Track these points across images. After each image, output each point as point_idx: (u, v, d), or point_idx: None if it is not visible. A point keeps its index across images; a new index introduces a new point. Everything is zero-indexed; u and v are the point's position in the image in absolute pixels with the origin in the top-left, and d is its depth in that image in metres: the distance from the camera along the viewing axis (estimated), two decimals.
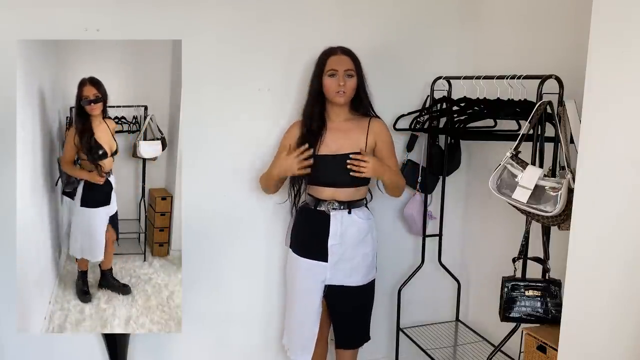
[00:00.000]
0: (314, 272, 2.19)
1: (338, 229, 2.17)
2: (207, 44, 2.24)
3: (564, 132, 1.86)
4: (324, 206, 2.18)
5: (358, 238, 2.20)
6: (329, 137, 2.17)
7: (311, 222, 2.22)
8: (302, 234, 2.25)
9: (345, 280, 2.20)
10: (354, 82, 2.15)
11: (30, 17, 2.00)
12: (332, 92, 2.14)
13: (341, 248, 2.18)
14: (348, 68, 2.13)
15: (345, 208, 2.18)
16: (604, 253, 1.43)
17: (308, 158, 2.14)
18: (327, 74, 2.14)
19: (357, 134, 2.19)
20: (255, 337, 2.55)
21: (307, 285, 2.21)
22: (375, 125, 2.22)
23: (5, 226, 2.04)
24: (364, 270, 2.22)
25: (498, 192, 1.91)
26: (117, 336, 2.27)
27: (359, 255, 2.20)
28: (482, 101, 2.26)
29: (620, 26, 1.36)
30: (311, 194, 2.23)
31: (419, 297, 2.77)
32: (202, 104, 2.28)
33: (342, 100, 2.15)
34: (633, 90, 1.33)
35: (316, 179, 2.19)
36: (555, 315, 1.94)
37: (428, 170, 2.58)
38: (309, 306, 2.22)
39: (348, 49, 2.18)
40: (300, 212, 2.27)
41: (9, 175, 2.02)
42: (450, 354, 2.48)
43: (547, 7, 2.30)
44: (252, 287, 2.50)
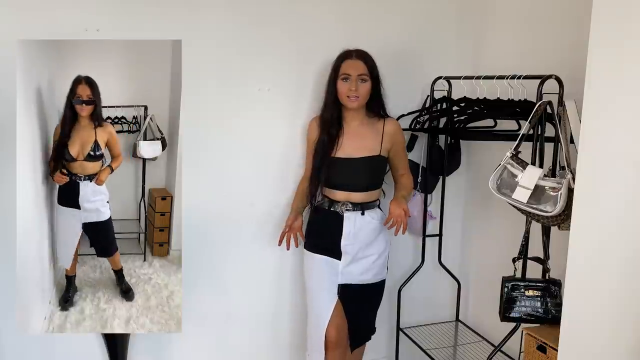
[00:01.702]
0: (329, 267, 2.22)
1: (351, 229, 2.21)
2: (207, 44, 2.24)
3: (564, 132, 1.86)
4: (337, 207, 2.21)
5: (371, 238, 2.24)
6: (345, 141, 2.20)
7: (325, 222, 2.25)
8: (316, 232, 2.29)
9: (358, 278, 2.24)
10: (367, 86, 2.16)
11: (30, 17, 2.00)
12: (344, 97, 2.16)
13: (354, 248, 2.22)
14: (361, 73, 2.14)
15: (359, 209, 2.21)
16: (604, 253, 1.43)
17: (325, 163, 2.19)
18: (341, 78, 2.16)
19: (372, 137, 2.22)
20: (256, 337, 2.55)
21: (322, 282, 2.23)
22: (390, 126, 2.25)
23: (5, 226, 2.04)
24: (376, 269, 2.26)
25: (498, 192, 1.91)
26: (117, 336, 2.26)
27: (372, 254, 2.24)
28: (482, 101, 2.27)
29: (620, 26, 1.35)
30: (326, 195, 2.26)
31: (419, 297, 2.77)
32: (202, 104, 2.27)
33: (354, 105, 2.16)
34: (633, 90, 1.32)
35: (331, 182, 2.22)
36: (555, 315, 1.94)
37: (428, 170, 2.57)
38: (323, 304, 2.22)
39: (364, 52, 2.18)
40: (315, 211, 2.29)
41: (8, 176, 2.02)
42: (450, 354, 2.48)
43: (547, 7, 2.30)
44: (252, 286, 2.50)
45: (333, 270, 2.22)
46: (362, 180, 2.21)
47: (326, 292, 2.23)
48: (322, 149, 2.21)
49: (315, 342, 2.23)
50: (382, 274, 2.30)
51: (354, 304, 2.26)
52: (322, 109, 2.25)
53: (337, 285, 2.23)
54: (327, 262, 2.23)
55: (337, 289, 2.23)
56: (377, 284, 2.29)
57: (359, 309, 2.29)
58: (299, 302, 2.52)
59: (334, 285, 2.23)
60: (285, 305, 2.55)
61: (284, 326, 2.57)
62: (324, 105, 2.25)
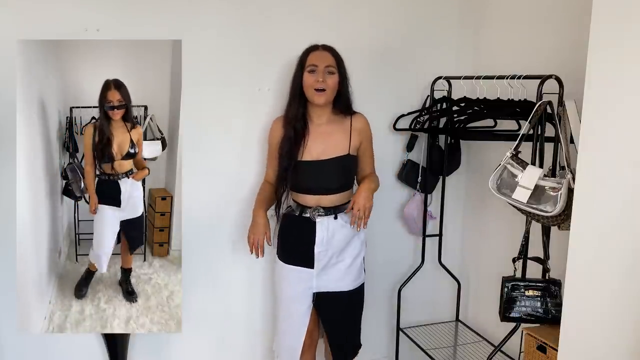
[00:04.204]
0: (300, 279, 2.14)
1: (324, 235, 2.11)
2: (207, 44, 2.24)
3: (564, 132, 1.86)
4: (308, 213, 2.12)
5: (345, 242, 2.15)
6: (311, 142, 2.09)
7: (296, 229, 2.16)
8: (287, 241, 2.20)
9: (334, 285, 2.14)
10: (335, 79, 2.06)
11: (30, 17, 2.01)
12: (310, 90, 2.05)
13: (327, 254, 2.12)
14: (329, 64, 2.05)
15: (331, 214, 2.12)
16: (604, 253, 1.43)
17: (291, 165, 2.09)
18: (307, 70, 2.05)
19: (340, 136, 2.12)
20: (255, 337, 2.55)
21: (293, 293, 2.16)
22: (358, 122, 2.15)
23: (5, 226, 2.04)
24: (353, 274, 2.17)
25: (498, 192, 1.91)
26: (117, 336, 2.27)
27: (347, 259, 2.15)
28: (482, 101, 2.26)
29: (620, 26, 1.35)
30: (295, 200, 2.17)
31: (419, 297, 2.76)
32: (202, 104, 2.28)
33: (321, 99, 2.05)
34: (633, 90, 1.33)
35: (299, 186, 2.13)
36: (555, 315, 1.94)
37: (428, 170, 2.58)
38: (295, 315, 2.17)
39: (330, 46, 2.11)
40: (285, 218, 2.21)
41: (9, 176, 2.02)
42: (450, 354, 2.48)
43: (547, 7, 2.30)
44: (252, 286, 2.50)
45: (306, 280, 2.13)
46: (333, 183, 2.10)
47: (300, 303, 2.15)
48: (288, 149, 2.09)
49: (288, 352, 2.20)
50: (360, 278, 2.20)
51: (333, 313, 2.17)
52: (287, 107, 2.13)
53: (312, 294, 2.14)
54: (300, 272, 2.13)
55: (312, 297, 2.15)
56: (355, 291, 2.18)
57: (339, 320, 2.19)
58: None
59: (308, 294, 2.14)
60: None
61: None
62: (288, 102, 2.13)
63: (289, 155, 2.10)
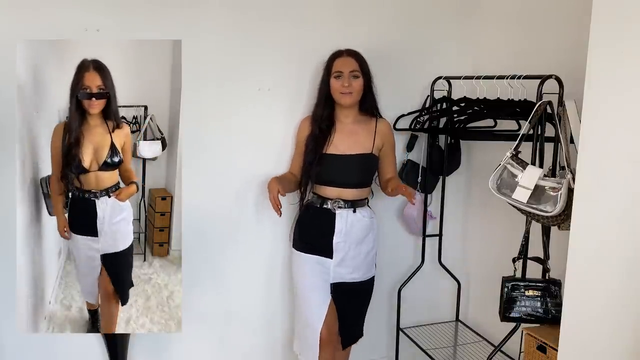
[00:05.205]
0: (318, 269, 2.21)
1: (343, 227, 2.20)
2: (207, 44, 2.24)
3: (564, 132, 1.86)
4: (329, 204, 2.20)
5: (361, 236, 2.24)
6: (337, 138, 2.21)
7: (316, 220, 2.24)
8: (307, 231, 2.27)
9: (348, 276, 2.23)
10: (360, 82, 2.18)
11: (30, 17, 2.00)
12: (337, 93, 2.18)
13: (345, 245, 2.21)
14: (353, 69, 2.17)
15: (350, 207, 2.21)
16: (604, 253, 1.43)
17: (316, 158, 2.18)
18: (334, 76, 2.18)
19: (365, 135, 2.24)
20: (256, 336, 2.55)
21: (315, 281, 2.22)
22: (382, 125, 2.28)
23: (5, 226, 2.04)
24: (365, 267, 2.26)
25: (498, 192, 1.91)
26: (117, 336, 2.26)
27: (362, 252, 2.24)
28: (482, 101, 2.27)
29: (620, 26, 1.35)
30: (317, 193, 2.25)
31: (419, 297, 2.76)
32: (202, 104, 2.28)
33: (348, 101, 2.18)
34: (633, 90, 1.32)
35: (323, 179, 2.22)
36: (555, 315, 1.94)
37: (428, 170, 2.58)
38: (316, 304, 2.22)
39: (354, 51, 2.21)
40: (306, 209, 2.29)
41: (9, 175, 2.02)
42: (450, 354, 2.48)
43: (547, 7, 2.30)
44: (252, 286, 2.50)
45: (325, 269, 2.22)
46: (354, 178, 2.22)
47: (318, 292, 2.22)
48: (314, 144, 2.21)
49: (308, 343, 2.22)
50: (372, 272, 2.31)
51: (345, 302, 2.25)
52: (314, 108, 2.27)
53: (330, 285, 2.23)
54: (319, 262, 2.22)
55: (329, 288, 2.23)
56: (367, 282, 2.29)
57: (349, 308, 2.28)
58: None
59: (327, 284, 2.22)
60: (286, 304, 2.55)
61: (285, 326, 2.56)
62: (316, 104, 2.26)
63: (314, 150, 2.21)
